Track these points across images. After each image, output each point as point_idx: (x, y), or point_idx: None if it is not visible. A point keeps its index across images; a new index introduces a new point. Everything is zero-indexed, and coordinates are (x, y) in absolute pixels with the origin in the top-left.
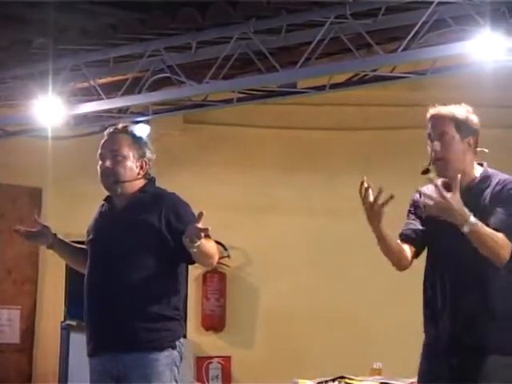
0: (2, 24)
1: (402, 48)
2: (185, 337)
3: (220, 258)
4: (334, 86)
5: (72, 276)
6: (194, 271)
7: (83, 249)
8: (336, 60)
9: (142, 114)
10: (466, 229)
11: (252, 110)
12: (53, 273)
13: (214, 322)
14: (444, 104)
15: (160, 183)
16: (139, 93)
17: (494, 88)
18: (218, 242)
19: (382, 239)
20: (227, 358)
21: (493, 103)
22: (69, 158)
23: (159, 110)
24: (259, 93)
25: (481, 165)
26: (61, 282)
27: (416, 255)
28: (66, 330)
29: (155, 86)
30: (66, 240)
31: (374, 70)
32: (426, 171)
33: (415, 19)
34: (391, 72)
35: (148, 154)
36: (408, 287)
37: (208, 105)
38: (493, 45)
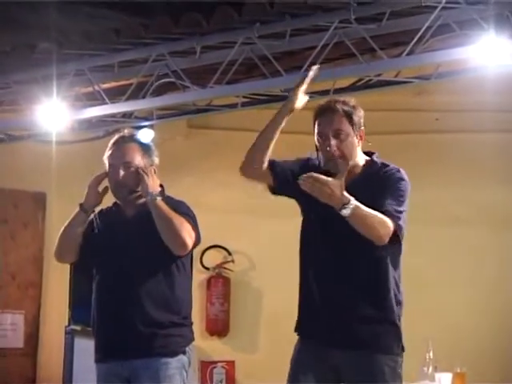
0: (5, 28)
1: (406, 53)
2: None
3: (224, 263)
4: (338, 91)
5: (76, 280)
6: (199, 276)
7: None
8: (340, 65)
9: (146, 119)
10: (345, 212)
11: (256, 114)
12: (57, 277)
13: (218, 327)
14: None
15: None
16: (143, 97)
17: (498, 92)
18: (222, 247)
19: (274, 130)
20: (231, 363)
21: (497, 108)
22: (73, 163)
23: (163, 115)
24: (263, 97)
25: (368, 154)
26: (65, 287)
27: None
28: (70, 335)
29: (159, 91)
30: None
31: (378, 75)
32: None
33: (419, 24)
34: (395, 77)
35: (156, 161)
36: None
37: (212, 109)
38: (497, 49)
